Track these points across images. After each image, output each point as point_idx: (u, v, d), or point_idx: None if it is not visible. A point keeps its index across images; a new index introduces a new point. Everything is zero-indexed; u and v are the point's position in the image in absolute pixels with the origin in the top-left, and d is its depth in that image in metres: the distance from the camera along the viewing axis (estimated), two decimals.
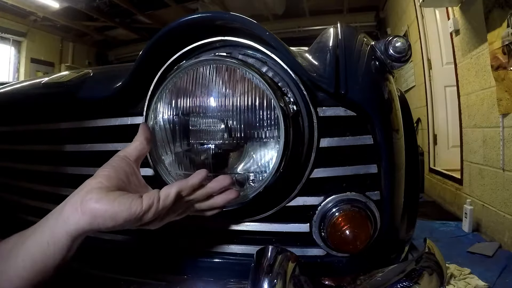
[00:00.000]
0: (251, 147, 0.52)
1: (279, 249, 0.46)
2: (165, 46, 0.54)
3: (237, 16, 0.50)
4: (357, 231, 0.52)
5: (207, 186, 0.47)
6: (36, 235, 0.41)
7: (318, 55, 0.56)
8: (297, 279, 0.44)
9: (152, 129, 0.51)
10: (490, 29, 2.17)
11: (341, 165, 0.55)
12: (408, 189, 0.65)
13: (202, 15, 0.51)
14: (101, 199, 0.40)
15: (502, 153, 2.17)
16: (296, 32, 5.53)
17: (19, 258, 0.40)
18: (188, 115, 0.52)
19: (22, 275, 0.39)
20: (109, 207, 0.40)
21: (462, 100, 2.79)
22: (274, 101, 0.48)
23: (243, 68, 0.49)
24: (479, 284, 1.67)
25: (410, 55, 0.58)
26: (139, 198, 0.41)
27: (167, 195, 0.43)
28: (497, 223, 2.24)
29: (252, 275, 0.43)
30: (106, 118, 0.62)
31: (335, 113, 0.54)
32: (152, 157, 0.53)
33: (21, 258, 0.40)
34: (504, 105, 2.10)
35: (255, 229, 0.57)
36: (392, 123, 0.57)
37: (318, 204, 0.55)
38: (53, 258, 0.40)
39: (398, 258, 0.62)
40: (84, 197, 0.41)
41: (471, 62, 2.56)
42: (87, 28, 6.70)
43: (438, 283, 0.52)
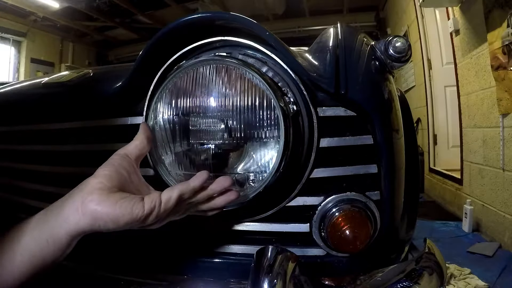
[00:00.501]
0: (251, 147, 0.52)
1: (279, 249, 0.46)
2: (165, 46, 0.54)
3: (237, 16, 0.50)
4: (357, 231, 0.52)
5: (208, 188, 0.47)
6: (34, 232, 0.41)
7: (318, 55, 0.56)
8: (297, 279, 0.44)
9: (152, 129, 0.51)
10: (490, 29, 2.17)
11: (341, 165, 0.55)
12: (408, 189, 0.65)
13: (202, 15, 0.51)
14: (103, 202, 0.40)
15: (502, 153, 2.17)
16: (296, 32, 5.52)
17: (16, 253, 0.40)
18: (188, 115, 0.52)
19: (21, 269, 0.40)
20: (110, 210, 0.40)
21: (462, 100, 2.79)
22: (274, 101, 0.48)
23: (243, 68, 0.49)
24: (479, 284, 1.67)
25: (410, 55, 0.58)
26: (141, 202, 0.41)
27: (169, 198, 0.43)
28: (497, 223, 2.24)
29: (252, 275, 0.43)
30: (106, 118, 0.62)
31: (335, 113, 0.54)
32: (152, 157, 0.53)
33: (18, 253, 0.40)
34: (504, 105, 2.10)
35: (255, 229, 0.57)
36: (392, 123, 0.57)
37: (318, 204, 0.55)
38: (53, 255, 0.40)
39: (398, 258, 0.62)
40: (85, 198, 0.41)
41: (471, 62, 2.56)
42: (87, 28, 6.71)
43: (438, 283, 0.52)
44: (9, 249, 0.40)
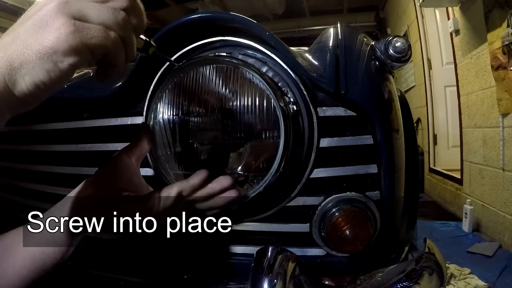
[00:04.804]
0: (251, 147, 0.52)
1: (279, 249, 0.46)
2: (165, 46, 0.54)
3: (237, 16, 0.50)
4: (357, 231, 0.52)
5: (208, 187, 0.47)
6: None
7: (318, 55, 0.56)
8: (297, 279, 0.44)
9: (152, 129, 0.51)
10: (490, 29, 2.17)
11: (341, 165, 0.55)
12: (408, 189, 0.65)
13: (202, 15, 0.51)
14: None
15: (502, 153, 2.17)
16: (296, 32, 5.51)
17: (18, 256, 0.40)
18: (188, 115, 0.52)
19: (21, 273, 0.40)
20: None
21: (462, 100, 2.79)
22: (274, 101, 0.48)
23: (243, 68, 0.49)
24: (479, 284, 1.67)
25: (410, 55, 0.58)
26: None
27: (168, 195, 0.43)
28: (497, 223, 2.24)
29: (252, 275, 0.43)
30: (106, 118, 0.62)
31: (335, 113, 0.54)
32: (152, 157, 0.53)
33: (20, 256, 0.40)
34: (504, 105, 2.10)
35: (255, 229, 0.57)
36: (392, 123, 0.57)
37: (318, 204, 0.55)
38: (53, 256, 0.40)
39: (398, 258, 0.62)
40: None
41: (471, 62, 2.56)
42: None
43: (438, 283, 0.52)
44: (11, 252, 0.40)
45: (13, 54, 0.28)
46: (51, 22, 0.28)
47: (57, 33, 0.28)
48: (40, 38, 0.28)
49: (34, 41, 0.28)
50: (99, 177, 0.44)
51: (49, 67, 0.28)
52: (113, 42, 0.32)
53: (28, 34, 0.29)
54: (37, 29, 0.29)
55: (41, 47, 0.28)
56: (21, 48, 0.28)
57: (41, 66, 0.28)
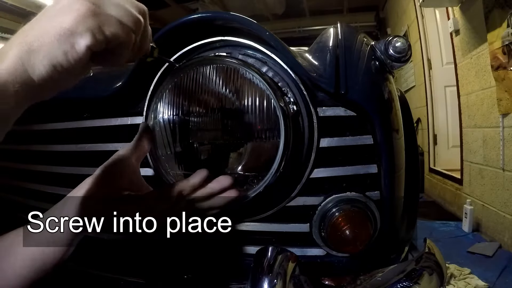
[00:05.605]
0: (251, 147, 0.52)
1: (279, 249, 0.46)
2: (165, 46, 0.54)
3: (237, 16, 0.50)
4: (357, 231, 0.52)
5: (208, 187, 0.47)
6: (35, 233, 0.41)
7: (318, 55, 0.56)
8: (297, 279, 0.44)
9: (152, 129, 0.51)
10: (490, 29, 2.16)
11: (341, 165, 0.55)
12: (408, 189, 0.65)
13: (202, 15, 0.51)
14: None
15: (502, 153, 2.17)
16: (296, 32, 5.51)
17: (18, 256, 0.40)
18: (188, 115, 0.52)
19: (21, 273, 0.40)
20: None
21: (462, 100, 2.79)
22: (274, 101, 0.48)
23: (243, 68, 0.49)
24: (479, 284, 1.67)
25: (410, 55, 0.58)
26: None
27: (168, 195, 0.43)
28: (497, 223, 2.24)
29: (252, 275, 0.43)
30: (106, 118, 0.62)
31: (335, 113, 0.54)
32: (152, 157, 0.53)
33: (20, 257, 0.40)
34: (504, 105, 2.10)
35: (255, 229, 0.57)
36: (392, 123, 0.57)
37: (318, 204, 0.55)
38: (53, 256, 0.40)
39: (398, 258, 0.62)
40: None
41: (471, 62, 2.56)
42: None
43: (438, 283, 0.52)
44: (11, 253, 0.40)
45: (32, 38, 0.29)
46: (72, 5, 0.30)
47: (76, 14, 0.30)
48: (59, 21, 0.30)
49: (53, 25, 0.30)
50: (99, 177, 0.44)
51: (66, 48, 0.30)
52: (127, 34, 0.33)
53: (48, 19, 0.30)
54: (58, 14, 0.30)
55: (59, 29, 0.29)
56: (40, 32, 0.30)
57: (58, 47, 0.29)
